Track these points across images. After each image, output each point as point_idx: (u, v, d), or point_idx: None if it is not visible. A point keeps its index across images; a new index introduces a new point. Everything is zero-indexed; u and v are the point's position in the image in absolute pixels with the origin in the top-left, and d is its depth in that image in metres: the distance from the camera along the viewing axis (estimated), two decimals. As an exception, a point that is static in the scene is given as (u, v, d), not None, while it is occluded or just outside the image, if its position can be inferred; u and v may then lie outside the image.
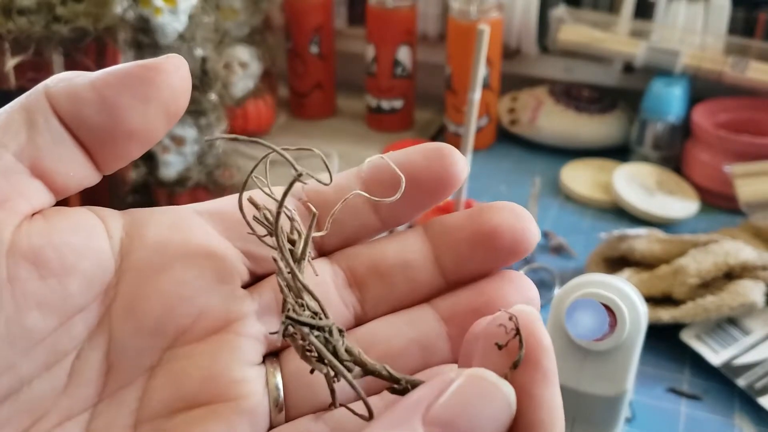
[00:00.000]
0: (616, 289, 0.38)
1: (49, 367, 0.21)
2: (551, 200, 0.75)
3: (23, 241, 0.21)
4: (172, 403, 0.22)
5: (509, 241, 0.24)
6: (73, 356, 0.22)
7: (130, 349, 0.22)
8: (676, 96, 0.76)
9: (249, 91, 0.84)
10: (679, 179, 0.76)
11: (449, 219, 0.25)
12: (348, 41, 0.96)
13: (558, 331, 0.39)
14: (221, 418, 0.22)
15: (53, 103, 0.22)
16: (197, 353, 0.23)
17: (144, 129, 0.22)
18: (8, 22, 0.58)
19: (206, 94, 0.60)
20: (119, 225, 0.23)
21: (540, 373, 0.19)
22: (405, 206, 0.25)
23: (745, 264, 0.54)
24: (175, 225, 0.24)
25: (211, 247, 0.24)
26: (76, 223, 0.22)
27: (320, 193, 0.25)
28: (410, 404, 0.19)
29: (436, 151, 0.24)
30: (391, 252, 0.25)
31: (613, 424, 0.40)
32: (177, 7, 0.57)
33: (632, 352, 0.38)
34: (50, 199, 0.22)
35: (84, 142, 0.22)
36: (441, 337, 0.24)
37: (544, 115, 0.84)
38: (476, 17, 0.77)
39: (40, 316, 0.21)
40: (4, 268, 0.20)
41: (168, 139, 0.60)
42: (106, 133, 0.22)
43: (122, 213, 0.23)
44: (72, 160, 0.22)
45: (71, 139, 0.22)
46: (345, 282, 0.25)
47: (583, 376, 0.39)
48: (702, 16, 0.79)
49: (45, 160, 0.21)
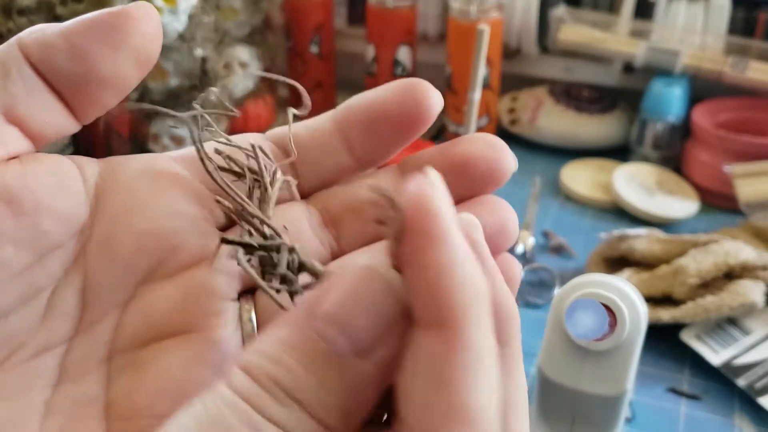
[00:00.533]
0: (616, 289, 0.38)
1: (26, 302, 0.22)
2: (551, 200, 0.75)
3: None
4: (144, 335, 0.23)
5: (483, 170, 0.24)
6: (49, 292, 0.23)
7: (104, 285, 0.23)
8: (676, 96, 0.76)
9: (249, 91, 0.84)
10: (679, 179, 0.76)
11: (422, 154, 0.25)
12: (348, 41, 0.97)
13: (558, 330, 0.39)
14: (191, 346, 0.23)
15: (26, 53, 0.22)
16: (170, 287, 0.23)
17: (115, 76, 0.23)
18: (8, 21, 0.59)
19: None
20: (95, 170, 0.24)
21: (424, 238, 0.18)
22: (380, 144, 0.25)
23: (745, 264, 0.54)
24: (151, 168, 0.24)
25: (186, 188, 0.24)
26: (51, 167, 0.23)
27: (295, 136, 0.25)
28: (303, 306, 0.19)
29: (409, 86, 0.24)
30: (365, 189, 0.25)
31: (613, 424, 0.40)
32: (177, 7, 0.57)
33: (632, 352, 0.38)
34: (27, 145, 0.23)
35: (58, 90, 0.23)
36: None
37: (544, 115, 0.84)
38: (476, 17, 0.78)
39: (14, 251, 0.22)
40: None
41: (168, 138, 0.60)
42: (79, 81, 0.23)
43: (99, 160, 0.24)
44: (47, 108, 0.23)
45: (45, 87, 0.23)
46: (320, 222, 0.25)
47: (583, 376, 0.39)
48: (702, 16, 0.79)
49: (19, 108, 0.22)
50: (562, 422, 0.41)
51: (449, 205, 0.18)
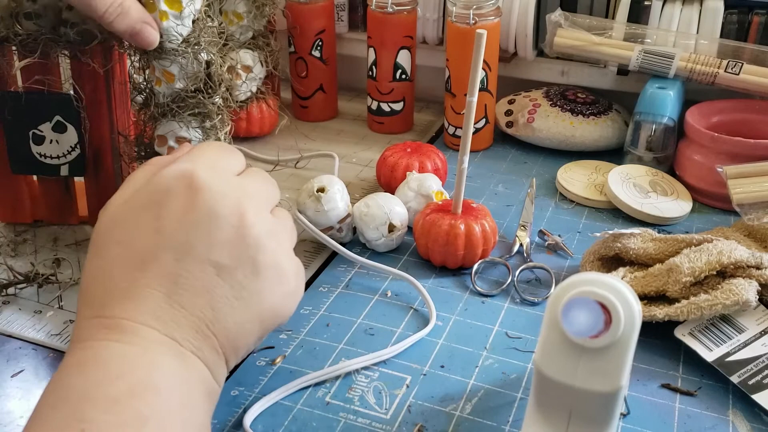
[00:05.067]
0: (611, 287, 0.38)
1: None
2: (547, 200, 0.76)
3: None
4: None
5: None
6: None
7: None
8: (670, 98, 0.77)
9: (252, 94, 0.85)
10: (673, 180, 0.77)
11: None
12: (349, 45, 0.97)
13: (554, 328, 0.39)
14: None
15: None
16: None
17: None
18: (15, 25, 0.59)
19: (211, 98, 0.61)
20: None
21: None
22: None
23: (738, 263, 0.55)
24: None
25: None
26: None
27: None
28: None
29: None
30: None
31: (609, 420, 0.40)
32: (182, 12, 0.57)
33: (627, 349, 0.39)
34: None
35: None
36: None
37: (540, 118, 0.85)
38: (474, 22, 0.78)
39: None
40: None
41: (173, 141, 0.61)
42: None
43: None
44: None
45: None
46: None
47: (579, 373, 0.39)
48: (696, 20, 0.80)
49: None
50: (559, 418, 0.41)
51: None
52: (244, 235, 0.43)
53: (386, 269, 0.63)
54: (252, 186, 0.46)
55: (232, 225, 0.43)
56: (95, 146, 0.66)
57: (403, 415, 0.49)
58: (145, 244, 0.41)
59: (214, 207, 0.42)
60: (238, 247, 0.43)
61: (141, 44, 0.56)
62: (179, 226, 0.42)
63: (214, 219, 0.42)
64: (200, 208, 0.42)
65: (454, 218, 0.63)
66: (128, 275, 0.41)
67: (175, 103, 0.60)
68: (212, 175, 0.44)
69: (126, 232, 0.42)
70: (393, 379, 0.52)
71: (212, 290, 0.42)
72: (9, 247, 0.67)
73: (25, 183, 0.69)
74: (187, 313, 0.40)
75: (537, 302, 0.60)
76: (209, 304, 0.41)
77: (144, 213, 0.42)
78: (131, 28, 0.55)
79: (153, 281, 0.40)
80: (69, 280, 0.62)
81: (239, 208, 0.43)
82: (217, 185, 0.43)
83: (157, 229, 0.42)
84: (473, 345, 0.56)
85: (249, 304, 0.43)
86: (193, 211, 0.42)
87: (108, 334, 0.39)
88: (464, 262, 0.64)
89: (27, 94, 0.64)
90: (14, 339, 0.56)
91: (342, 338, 0.56)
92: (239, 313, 0.43)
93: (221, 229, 0.42)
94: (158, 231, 0.42)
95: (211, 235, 0.42)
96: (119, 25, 0.55)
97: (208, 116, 0.61)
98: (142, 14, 0.55)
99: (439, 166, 0.75)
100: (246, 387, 0.51)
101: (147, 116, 0.62)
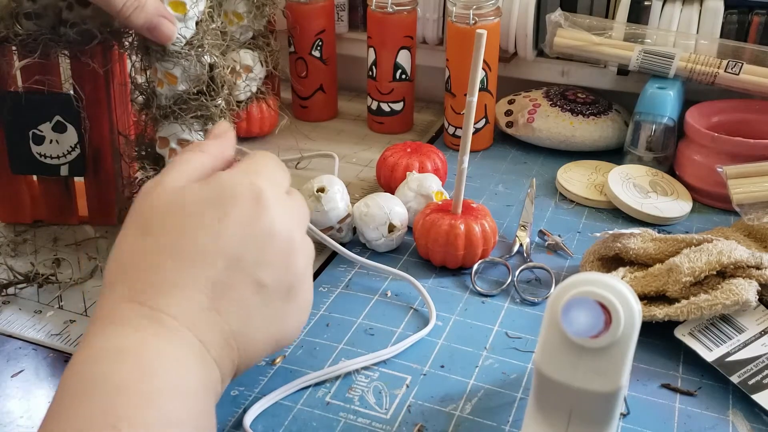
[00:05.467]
0: (611, 287, 0.38)
1: None
2: (547, 200, 0.76)
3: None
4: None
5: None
6: None
7: None
8: (670, 98, 0.77)
9: (252, 94, 0.85)
10: (673, 180, 0.77)
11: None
12: (349, 45, 0.97)
13: (554, 328, 0.39)
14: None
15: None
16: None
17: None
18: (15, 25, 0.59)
19: (214, 100, 0.61)
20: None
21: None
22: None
23: (738, 263, 0.55)
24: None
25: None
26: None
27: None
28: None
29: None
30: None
31: (609, 420, 0.41)
32: (186, 14, 0.57)
33: (627, 349, 0.39)
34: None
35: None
36: None
37: (540, 118, 0.85)
38: (474, 22, 0.78)
39: None
40: None
41: (175, 143, 0.61)
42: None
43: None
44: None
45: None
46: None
47: (579, 373, 0.39)
48: (696, 20, 0.80)
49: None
50: (559, 417, 0.41)
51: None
52: (290, 262, 0.44)
53: (386, 269, 0.63)
54: (299, 210, 0.47)
55: (282, 249, 0.43)
56: (95, 146, 0.66)
57: (403, 415, 0.49)
58: (203, 244, 0.41)
59: (272, 227, 0.43)
60: (281, 271, 0.43)
61: (158, 38, 0.56)
62: (238, 237, 0.41)
63: (269, 239, 0.42)
64: (261, 225, 0.42)
65: (454, 218, 0.63)
66: (180, 271, 0.40)
67: (177, 105, 0.60)
68: (276, 194, 0.44)
69: (186, 224, 0.41)
70: (393, 379, 0.52)
71: (247, 305, 0.42)
72: (9, 247, 0.67)
73: (25, 183, 0.69)
74: (220, 321, 0.41)
75: (537, 302, 0.60)
76: (241, 317, 0.41)
77: (208, 211, 0.42)
78: (149, 22, 0.55)
79: (201, 284, 0.40)
80: (69, 280, 0.62)
81: (291, 233, 0.44)
82: (280, 207, 0.44)
83: (218, 232, 0.41)
84: (473, 345, 0.56)
85: (273, 325, 0.44)
86: (255, 225, 0.42)
87: (148, 327, 0.38)
88: (464, 262, 0.64)
89: (27, 94, 0.64)
90: (14, 339, 0.56)
91: (342, 338, 0.56)
92: (262, 332, 0.43)
93: (273, 250, 0.43)
94: (219, 235, 0.41)
95: (262, 253, 0.42)
96: (137, 19, 0.55)
97: (211, 119, 0.61)
98: (159, 8, 0.55)
99: (439, 166, 0.75)
100: (246, 387, 0.51)
101: (148, 117, 0.62)
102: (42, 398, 0.51)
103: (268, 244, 0.42)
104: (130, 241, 0.42)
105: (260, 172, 0.45)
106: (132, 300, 0.39)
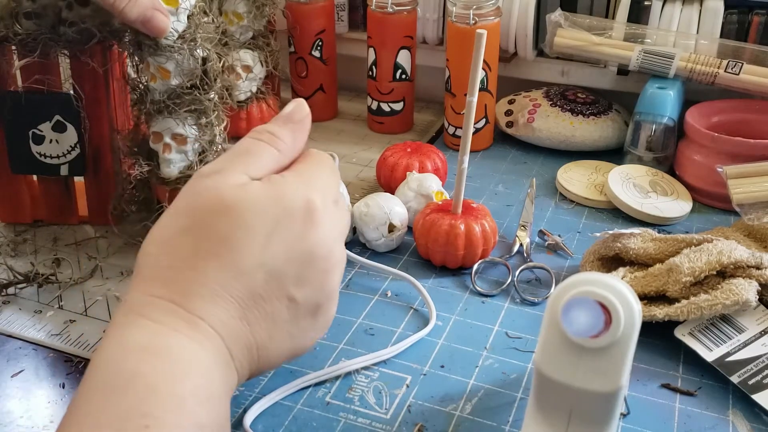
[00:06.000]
0: (611, 287, 0.38)
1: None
2: (548, 200, 0.76)
3: None
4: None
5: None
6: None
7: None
8: (670, 98, 0.77)
9: (252, 94, 0.85)
10: (673, 180, 0.77)
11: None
12: (349, 45, 0.97)
13: (554, 328, 0.39)
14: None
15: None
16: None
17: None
18: (15, 24, 0.59)
19: (206, 94, 0.60)
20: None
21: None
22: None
23: (738, 263, 0.55)
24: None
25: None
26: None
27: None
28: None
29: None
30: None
31: (609, 420, 0.41)
32: (178, 8, 0.57)
33: (627, 349, 0.39)
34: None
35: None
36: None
37: (540, 118, 0.85)
38: (474, 22, 0.78)
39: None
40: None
41: (169, 137, 0.61)
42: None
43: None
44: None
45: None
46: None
47: (579, 373, 0.39)
48: (696, 20, 0.80)
49: None
50: (559, 418, 0.41)
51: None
52: (325, 281, 0.43)
53: (386, 269, 0.63)
54: (343, 222, 0.46)
55: (321, 268, 0.43)
56: (95, 145, 0.66)
57: (403, 415, 0.49)
58: (249, 256, 0.40)
59: (316, 248, 0.42)
60: (315, 290, 0.43)
61: (152, 31, 0.56)
62: (283, 254, 0.41)
63: (311, 259, 0.42)
64: (306, 245, 0.42)
65: (454, 218, 0.63)
66: (221, 280, 0.39)
67: (170, 99, 0.60)
68: (326, 207, 0.43)
69: (236, 233, 0.40)
70: (393, 379, 0.52)
71: (277, 319, 0.41)
72: (9, 247, 0.67)
73: (25, 183, 0.69)
74: (249, 331, 0.40)
75: (537, 302, 0.60)
76: (267, 330, 0.41)
77: (260, 222, 0.40)
78: (142, 15, 0.55)
79: (239, 293, 0.40)
80: (69, 280, 0.62)
81: (332, 251, 0.43)
82: (328, 222, 0.43)
83: (265, 246, 0.40)
84: (473, 345, 0.56)
85: (294, 340, 0.43)
86: (301, 244, 0.42)
87: (185, 329, 0.38)
88: (464, 262, 0.64)
89: (27, 93, 0.64)
90: (14, 339, 0.56)
91: (342, 338, 0.56)
92: (285, 346, 0.43)
93: (313, 270, 0.42)
94: (265, 249, 0.40)
95: (302, 271, 0.42)
96: (130, 13, 0.55)
97: (204, 113, 0.61)
98: (152, 1, 0.56)
99: (439, 166, 0.75)
100: (246, 387, 0.51)
101: (142, 113, 0.62)
102: (42, 398, 0.51)
103: (309, 263, 0.42)
104: (174, 233, 0.40)
105: (316, 184, 0.43)
106: (170, 300, 0.39)
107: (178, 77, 0.59)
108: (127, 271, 0.64)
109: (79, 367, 0.54)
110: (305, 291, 0.42)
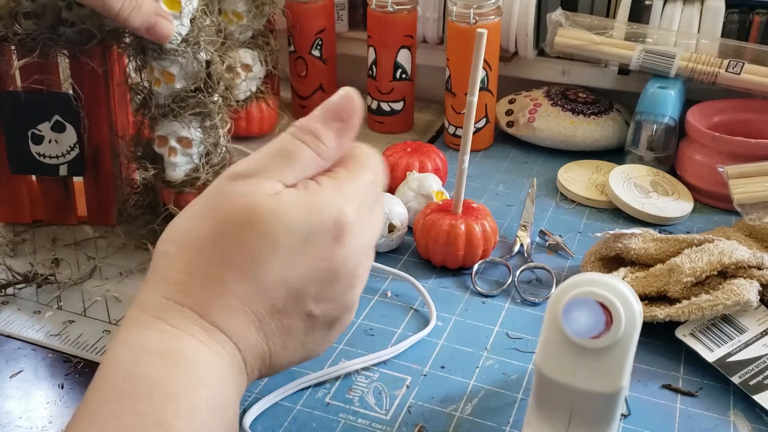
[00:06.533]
0: (612, 287, 0.38)
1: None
2: (548, 200, 0.76)
3: None
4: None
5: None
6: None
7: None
8: (671, 98, 0.77)
9: (252, 94, 0.85)
10: (674, 180, 0.77)
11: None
12: (349, 45, 0.97)
13: (555, 328, 0.39)
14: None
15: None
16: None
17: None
18: (14, 24, 0.59)
19: (210, 97, 0.60)
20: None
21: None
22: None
23: (739, 263, 0.55)
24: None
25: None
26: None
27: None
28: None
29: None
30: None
31: (610, 420, 0.41)
32: (181, 12, 0.57)
33: (628, 350, 0.39)
34: None
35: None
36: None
37: (541, 117, 0.85)
38: (475, 21, 0.78)
39: None
40: None
41: (174, 141, 0.61)
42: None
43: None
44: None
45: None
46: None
47: (579, 373, 0.39)
48: (697, 19, 0.80)
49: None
50: (560, 418, 0.41)
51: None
52: (346, 298, 0.43)
53: (386, 269, 0.63)
54: (374, 232, 0.44)
55: (344, 285, 0.42)
56: (94, 146, 0.66)
57: (403, 416, 0.49)
58: (273, 273, 0.39)
59: (343, 267, 0.41)
60: (335, 305, 0.42)
61: (157, 37, 0.56)
62: (308, 273, 0.40)
63: (335, 277, 0.41)
64: (333, 264, 0.40)
65: (454, 218, 0.63)
66: (243, 295, 0.38)
67: (175, 103, 0.60)
68: (357, 224, 0.41)
69: (262, 248, 0.38)
70: (393, 380, 0.52)
71: (292, 332, 0.41)
72: (8, 247, 0.67)
73: (24, 183, 0.69)
74: (264, 342, 0.40)
75: (538, 302, 0.60)
76: (284, 342, 0.41)
77: (288, 238, 0.39)
78: (146, 22, 0.55)
79: (259, 307, 0.39)
80: (68, 281, 0.62)
81: (357, 268, 0.42)
82: (359, 238, 0.41)
83: (291, 264, 0.39)
84: (474, 345, 0.56)
85: (306, 349, 0.43)
86: (327, 262, 0.40)
87: (200, 335, 0.37)
88: (464, 263, 0.64)
89: (26, 93, 0.63)
90: (13, 339, 0.56)
91: (342, 339, 0.56)
92: (297, 354, 0.43)
93: (335, 288, 0.41)
94: (291, 267, 0.39)
95: (324, 289, 0.41)
96: (134, 20, 0.55)
97: (209, 115, 0.61)
98: (156, 7, 0.56)
99: (440, 166, 0.75)
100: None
101: (146, 117, 0.62)
102: (41, 399, 0.51)
103: (332, 281, 0.41)
104: (197, 237, 0.39)
105: (354, 193, 0.41)
106: (189, 306, 0.38)
107: (182, 81, 0.59)
108: (126, 271, 0.64)
109: (78, 367, 0.54)
110: (324, 306, 0.42)
